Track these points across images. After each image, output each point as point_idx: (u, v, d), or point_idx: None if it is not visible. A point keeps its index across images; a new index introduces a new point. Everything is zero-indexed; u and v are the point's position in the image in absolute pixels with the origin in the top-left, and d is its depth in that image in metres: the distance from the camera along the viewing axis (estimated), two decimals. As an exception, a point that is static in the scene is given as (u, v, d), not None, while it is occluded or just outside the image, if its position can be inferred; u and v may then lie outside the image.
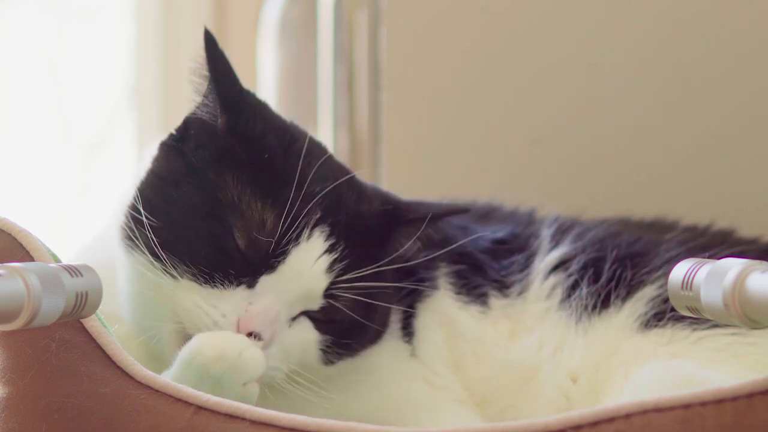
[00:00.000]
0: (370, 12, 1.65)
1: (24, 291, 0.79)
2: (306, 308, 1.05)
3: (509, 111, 1.55)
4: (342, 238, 1.05)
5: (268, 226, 1.02)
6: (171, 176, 1.06)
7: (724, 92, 1.50)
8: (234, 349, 0.97)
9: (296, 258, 1.02)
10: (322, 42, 1.75)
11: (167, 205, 1.04)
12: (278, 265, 1.02)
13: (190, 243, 1.02)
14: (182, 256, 1.01)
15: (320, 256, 1.04)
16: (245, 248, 1.02)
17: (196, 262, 1.01)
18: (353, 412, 1.08)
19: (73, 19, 2.86)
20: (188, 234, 1.02)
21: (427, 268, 1.18)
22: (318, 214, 1.04)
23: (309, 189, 1.04)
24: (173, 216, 1.03)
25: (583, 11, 1.53)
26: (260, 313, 1.01)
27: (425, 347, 1.16)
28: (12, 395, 0.90)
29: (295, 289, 1.03)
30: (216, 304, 1.01)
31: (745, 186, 1.50)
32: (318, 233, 1.04)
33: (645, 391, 1.02)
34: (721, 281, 0.82)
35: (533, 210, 1.28)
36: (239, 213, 1.02)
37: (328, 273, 1.04)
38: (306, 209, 1.03)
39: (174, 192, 1.04)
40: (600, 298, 1.15)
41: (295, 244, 1.02)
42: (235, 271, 1.01)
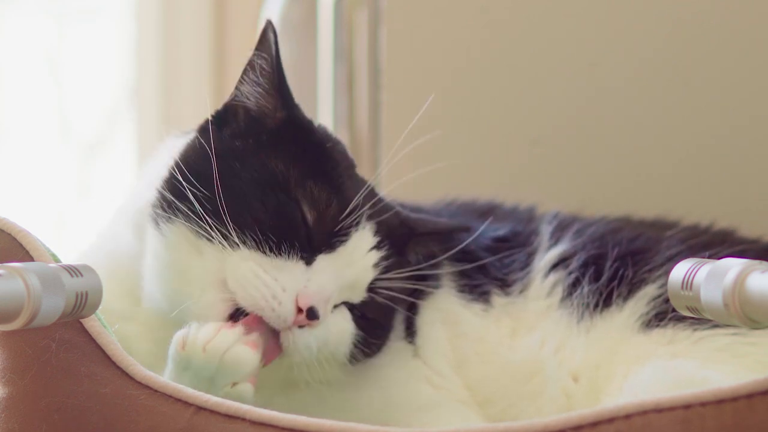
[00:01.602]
0: (370, 12, 1.65)
1: (24, 291, 0.79)
2: (349, 299, 1.06)
3: (509, 111, 1.55)
4: (385, 238, 1.08)
5: (334, 207, 1.05)
6: (230, 151, 1.07)
7: (724, 92, 1.50)
8: (219, 346, 0.96)
9: (354, 244, 1.05)
10: (322, 42, 1.75)
11: (224, 176, 1.03)
12: (339, 246, 1.04)
13: (259, 213, 1.02)
14: (249, 224, 1.01)
15: (371, 249, 1.07)
16: (313, 222, 1.03)
17: (264, 230, 1.01)
18: (355, 413, 1.08)
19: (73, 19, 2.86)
20: (255, 204, 1.03)
21: (430, 267, 1.18)
22: (369, 210, 1.07)
23: (359, 185, 1.08)
24: (232, 186, 1.03)
25: (583, 11, 1.53)
26: (318, 291, 1.01)
27: (428, 345, 1.16)
28: (12, 395, 0.90)
29: (347, 275, 1.05)
30: (277, 276, 1.01)
31: (745, 186, 1.50)
32: (369, 227, 1.07)
33: (645, 390, 1.02)
34: (721, 281, 0.82)
35: (533, 207, 1.28)
36: (307, 191, 1.04)
37: (375, 267, 1.07)
38: (363, 201, 1.06)
39: (230, 164, 1.05)
40: (602, 297, 1.15)
41: (355, 229, 1.05)
42: (299, 243, 1.02)
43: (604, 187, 1.52)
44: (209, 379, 0.95)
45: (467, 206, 1.30)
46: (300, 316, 1.00)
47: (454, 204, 1.31)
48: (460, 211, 1.29)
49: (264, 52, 1.08)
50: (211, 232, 1.01)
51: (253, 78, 1.09)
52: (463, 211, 1.29)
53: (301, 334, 1.01)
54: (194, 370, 0.96)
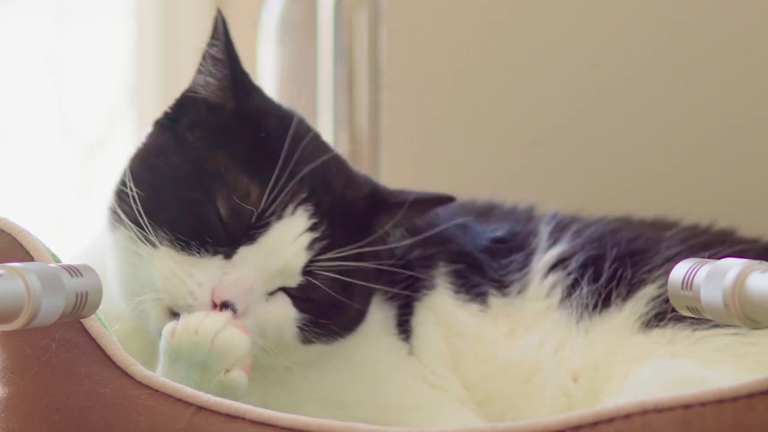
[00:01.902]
0: (370, 12, 1.65)
1: (24, 291, 0.79)
2: (284, 284, 1.05)
3: (509, 111, 1.55)
4: (325, 218, 1.06)
5: (253, 197, 1.03)
6: (159, 148, 1.07)
7: (725, 92, 1.50)
8: (210, 329, 0.96)
9: (277, 232, 1.03)
10: (322, 42, 1.74)
11: (151, 174, 1.04)
12: (259, 236, 1.02)
13: (171, 210, 1.02)
14: (162, 223, 1.01)
15: (302, 233, 1.04)
16: (227, 217, 1.02)
17: (175, 229, 1.01)
18: (353, 412, 1.08)
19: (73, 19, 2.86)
20: (170, 201, 1.02)
21: (425, 267, 1.18)
22: (304, 194, 1.05)
23: (296, 167, 1.05)
24: (156, 184, 1.04)
25: (583, 11, 1.53)
26: (235, 283, 1.00)
27: (423, 346, 1.16)
28: (12, 395, 0.90)
29: (273, 263, 1.03)
30: (192, 272, 1.01)
31: (745, 186, 1.50)
32: (302, 211, 1.04)
33: (645, 391, 1.02)
34: (721, 281, 0.82)
35: (532, 207, 1.28)
36: (224, 183, 1.03)
37: (308, 250, 1.04)
38: (291, 186, 1.04)
39: (160, 162, 1.05)
40: (601, 298, 1.15)
41: (277, 218, 1.03)
42: (213, 239, 1.02)
43: (604, 187, 1.52)
44: (202, 367, 0.96)
45: (466, 206, 1.30)
46: (215, 311, 1.00)
47: (453, 204, 1.31)
48: (459, 211, 1.29)
49: (216, 40, 1.09)
50: (139, 233, 1.02)
51: (207, 68, 1.09)
52: (461, 211, 1.29)
53: None
54: (185, 359, 0.96)
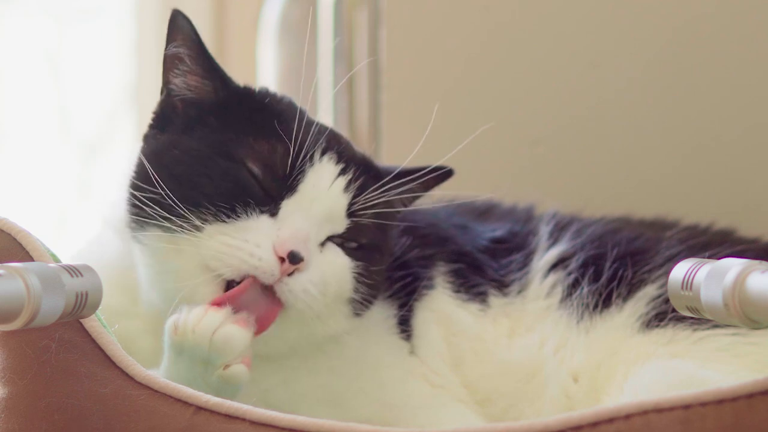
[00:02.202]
0: (370, 12, 1.65)
1: (24, 291, 0.79)
2: (332, 232, 1.06)
3: (510, 111, 1.55)
4: (351, 163, 1.08)
5: (280, 152, 1.05)
6: (168, 145, 1.08)
7: (725, 92, 1.50)
8: (208, 326, 0.97)
9: (313, 178, 1.05)
10: (322, 42, 1.74)
11: (171, 165, 1.05)
12: (298, 185, 1.04)
13: (206, 186, 1.03)
14: (200, 201, 1.02)
15: (336, 177, 1.06)
16: (261, 175, 1.04)
17: (215, 201, 1.02)
18: (353, 411, 1.08)
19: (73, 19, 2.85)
20: (202, 180, 1.03)
21: (424, 267, 1.18)
22: (324, 144, 1.07)
23: (308, 125, 1.07)
24: (181, 171, 1.04)
25: (584, 11, 1.53)
26: (292, 234, 1.02)
27: (424, 345, 1.16)
28: (12, 395, 0.90)
29: (318, 209, 1.04)
30: (246, 237, 1.01)
31: (745, 186, 1.50)
32: (327, 158, 1.07)
33: (645, 391, 1.02)
34: (721, 281, 0.82)
35: (532, 206, 1.28)
36: (248, 147, 1.05)
37: (345, 192, 1.07)
38: (311, 138, 1.06)
39: (175, 153, 1.06)
40: (601, 298, 1.15)
41: (310, 165, 1.05)
42: (255, 200, 1.03)
43: (605, 187, 1.52)
44: (204, 363, 0.96)
45: (465, 206, 1.30)
46: (285, 264, 1.00)
47: (452, 204, 1.31)
48: (458, 211, 1.29)
49: (184, 41, 1.10)
50: (175, 225, 1.02)
51: (185, 68, 1.10)
52: (461, 211, 1.29)
53: (294, 281, 1.01)
54: (188, 354, 0.96)
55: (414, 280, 1.17)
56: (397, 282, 1.16)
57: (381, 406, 1.11)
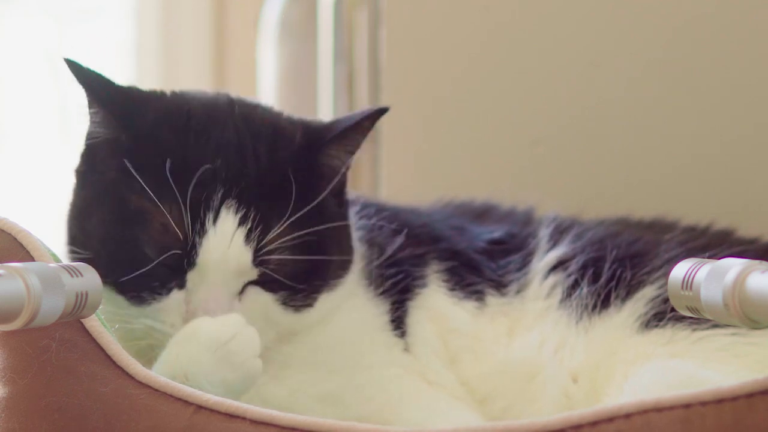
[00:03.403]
0: (370, 12, 1.65)
1: (24, 291, 0.79)
2: (246, 280, 1.05)
3: (509, 111, 1.55)
4: (253, 203, 1.04)
5: (172, 230, 1.02)
6: (85, 205, 1.08)
7: (725, 92, 1.50)
8: (227, 332, 0.99)
9: (210, 246, 1.03)
10: (322, 42, 1.75)
11: (87, 238, 1.06)
12: (196, 258, 1.03)
13: (116, 274, 1.02)
14: (114, 285, 1.03)
15: (234, 233, 1.03)
16: (160, 258, 1.02)
17: (126, 291, 1.03)
18: (350, 409, 1.08)
19: (73, 19, 2.85)
20: (110, 262, 1.03)
21: (416, 266, 1.18)
22: (221, 191, 1.03)
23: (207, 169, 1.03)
24: (95, 247, 1.05)
25: (584, 11, 1.53)
26: (199, 308, 1.02)
27: (418, 343, 1.16)
28: (12, 395, 0.90)
29: (222, 272, 1.03)
30: (162, 318, 1.03)
31: (745, 186, 1.50)
32: (225, 212, 1.03)
33: (645, 391, 1.02)
34: (721, 281, 0.82)
35: (531, 209, 1.28)
36: (145, 225, 1.03)
37: (248, 245, 1.04)
38: (205, 192, 1.03)
39: (90, 222, 1.06)
40: (600, 298, 1.15)
41: (202, 235, 1.02)
42: (159, 282, 1.03)
43: (605, 187, 1.52)
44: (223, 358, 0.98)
45: (463, 207, 1.30)
46: None
47: (451, 205, 1.31)
48: (456, 212, 1.29)
49: (89, 85, 1.06)
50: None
51: (91, 112, 1.07)
52: (459, 212, 1.29)
53: None
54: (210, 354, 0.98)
55: (406, 278, 1.17)
56: (389, 279, 1.16)
57: (377, 404, 1.11)
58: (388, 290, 1.16)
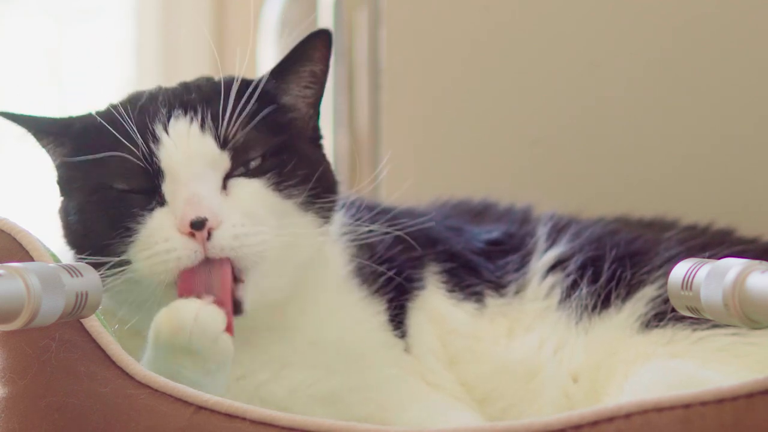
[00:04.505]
0: (370, 12, 1.65)
1: (24, 291, 0.79)
2: (223, 171, 1.05)
3: (509, 111, 1.55)
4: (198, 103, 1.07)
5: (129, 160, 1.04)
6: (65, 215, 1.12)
7: (725, 92, 1.50)
8: (188, 315, 0.97)
9: (168, 149, 1.04)
10: (322, 42, 1.74)
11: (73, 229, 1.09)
12: (160, 165, 1.03)
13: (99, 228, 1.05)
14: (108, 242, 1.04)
15: (189, 129, 1.05)
16: (128, 185, 1.04)
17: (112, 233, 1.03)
18: (351, 410, 1.08)
19: (73, 19, 2.85)
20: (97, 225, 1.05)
21: (414, 268, 1.18)
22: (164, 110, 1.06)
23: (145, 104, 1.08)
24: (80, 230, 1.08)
25: (584, 11, 1.53)
26: (183, 209, 1.01)
27: (418, 344, 1.16)
28: (12, 395, 0.90)
29: (189, 168, 1.04)
30: (155, 239, 1.02)
31: (745, 186, 1.50)
32: (174, 120, 1.05)
33: (645, 391, 1.02)
34: (721, 281, 0.82)
35: (529, 207, 1.28)
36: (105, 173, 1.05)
37: (204, 132, 1.05)
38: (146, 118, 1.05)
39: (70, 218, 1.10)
40: (600, 298, 1.15)
41: (157, 145, 1.04)
42: (138, 206, 1.03)
43: (604, 187, 1.52)
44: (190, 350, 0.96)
45: (461, 206, 1.30)
46: (197, 235, 1.01)
47: (448, 204, 1.31)
48: (454, 211, 1.29)
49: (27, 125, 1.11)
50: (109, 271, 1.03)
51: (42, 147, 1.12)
52: (456, 211, 1.29)
53: (218, 237, 1.01)
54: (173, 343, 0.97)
55: (405, 280, 1.17)
56: (386, 279, 1.16)
57: (377, 404, 1.11)
58: (386, 290, 1.16)
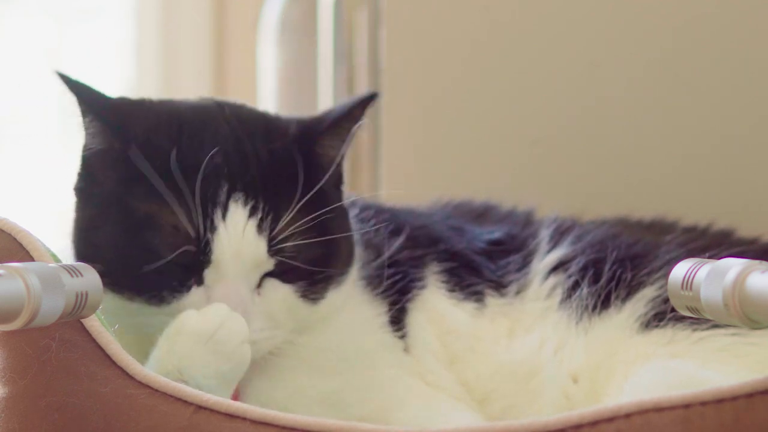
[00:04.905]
0: (370, 12, 1.65)
1: (24, 291, 0.79)
2: (263, 272, 1.05)
3: (509, 111, 1.55)
4: (259, 194, 1.05)
5: (183, 229, 1.02)
6: (90, 222, 1.08)
7: (725, 92, 1.50)
8: (220, 313, 0.99)
9: (223, 241, 1.03)
10: (322, 42, 1.75)
11: (96, 253, 1.05)
12: (210, 255, 1.03)
13: (131, 282, 1.03)
14: (131, 290, 1.03)
15: (245, 226, 1.04)
16: (174, 258, 1.02)
17: (143, 293, 1.03)
18: (351, 411, 1.08)
19: (73, 19, 2.86)
20: (124, 271, 1.03)
21: (415, 267, 1.18)
22: (225, 186, 1.04)
23: (206, 168, 1.03)
24: (108, 258, 1.03)
25: (584, 11, 1.53)
26: (221, 301, 1.02)
27: (418, 344, 1.16)
28: (12, 395, 0.90)
29: (238, 266, 1.03)
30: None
31: (745, 186, 1.50)
32: (233, 206, 1.04)
33: (645, 391, 1.02)
34: (721, 281, 0.82)
35: (531, 210, 1.28)
36: (155, 229, 1.03)
37: (260, 235, 1.04)
38: (211, 190, 1.03)
39: (97, 237, 1.06)
40: (600, 299, 1.15)
41: (213, 232, 1.03)
42: (178, 281, 1.03)
43: (604, 187, 1.52)
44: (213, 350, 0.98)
45: (462, 207, 1.30)
46: None
47: (449, 205, 1.31)
48: (455, 213, 1.29)
49: (81, 97, 1.08)
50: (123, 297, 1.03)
51: (85, 123, 1.08)
52: (457, 213, 1.29)
53: None
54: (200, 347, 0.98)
55: (405, 280, 1.17)
56: (388, 280, 1.16)
57: (378, 405, 1.11)
58: (388, 291, 1.16)
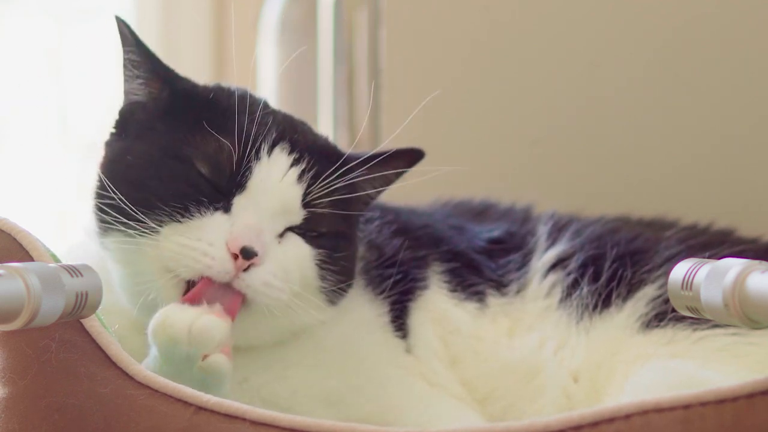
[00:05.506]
0: (370, 12, 1.65)
1: (24, 291, 0.79)
2: (290, 223, 1.06)
3: (509, 111, 1.55)
4: (305, 152, 1.07)
5: (226, 150, 1.04)
6: (122, 152, 1.09)
7: (725, 92, 1.50)
8: (182, 324, 0.96)
9: (262, 172, 1.04)
10: (322, 42, 1.75)
11: (126, 172, 1.06)
12: (246, 182, 1.04)
13: (159, 189, 1.03)
14: (154, 204, 1.02)
15: (288, 169, 1.06)
16: (209, 173, 1.04)
17: (168, 202, 1.02)
18: (352, 411, 1.08)
19: (73, 19, 2.85)
20: (154, 183, 1.04)
21: (417, 268, 1.18)
22: (274, 134, 1.07)
23: (259, 117, 1.07)
24: (135, 176, 1.05)
25: (584, 11, 1.53)
26: (244, 231, 1.01)
27: (419, 344, 1.16)
28: (12, 395, 0.90)
29: (270, 202, 1.04)
30: (200, 236, 1.01)
31: (745, 186, 1.50)
32: (279, 149, 1.06)
33: (645, 391, 1.02)
34: (721, 281, 0.82)
35: (530, 206, 1.28)
36: (195, 147, 1.05)
37: (299, 183, 1.06)
38: (259, 131, 1.06)
39: (129, 160, 1.07)
40: (601, 298, 1.15)
41: (256, 161, 1.04)
42: (206, 198, 1.03)
43: (604, 186, 1.52)
44: (187, 359, 0.95)
45: (462, 206, 1.30)
46: (238, 260, 1.00)
47: (449, 204, 1.31)
48: (455, 211, 1.29)
49: (128, 45, 1.10)
50: (133, 229, 1.02)
51: (131, 73, 1.11)
52: (457, 211, 1.29)
53: (252, 275, 1.01)
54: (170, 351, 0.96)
55: (408, 280, 1.17)
56: (390, 281, 1.16)
57: (379, 405, 1.11)
58: (390, 291, 1.16)
